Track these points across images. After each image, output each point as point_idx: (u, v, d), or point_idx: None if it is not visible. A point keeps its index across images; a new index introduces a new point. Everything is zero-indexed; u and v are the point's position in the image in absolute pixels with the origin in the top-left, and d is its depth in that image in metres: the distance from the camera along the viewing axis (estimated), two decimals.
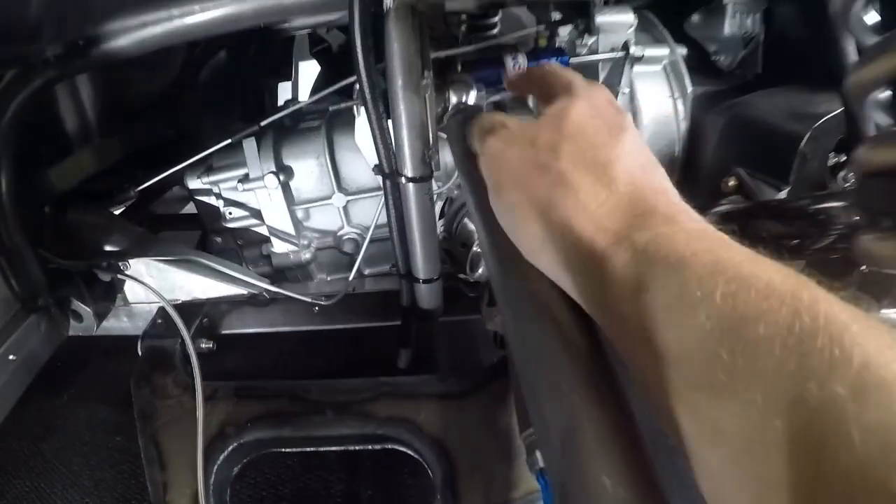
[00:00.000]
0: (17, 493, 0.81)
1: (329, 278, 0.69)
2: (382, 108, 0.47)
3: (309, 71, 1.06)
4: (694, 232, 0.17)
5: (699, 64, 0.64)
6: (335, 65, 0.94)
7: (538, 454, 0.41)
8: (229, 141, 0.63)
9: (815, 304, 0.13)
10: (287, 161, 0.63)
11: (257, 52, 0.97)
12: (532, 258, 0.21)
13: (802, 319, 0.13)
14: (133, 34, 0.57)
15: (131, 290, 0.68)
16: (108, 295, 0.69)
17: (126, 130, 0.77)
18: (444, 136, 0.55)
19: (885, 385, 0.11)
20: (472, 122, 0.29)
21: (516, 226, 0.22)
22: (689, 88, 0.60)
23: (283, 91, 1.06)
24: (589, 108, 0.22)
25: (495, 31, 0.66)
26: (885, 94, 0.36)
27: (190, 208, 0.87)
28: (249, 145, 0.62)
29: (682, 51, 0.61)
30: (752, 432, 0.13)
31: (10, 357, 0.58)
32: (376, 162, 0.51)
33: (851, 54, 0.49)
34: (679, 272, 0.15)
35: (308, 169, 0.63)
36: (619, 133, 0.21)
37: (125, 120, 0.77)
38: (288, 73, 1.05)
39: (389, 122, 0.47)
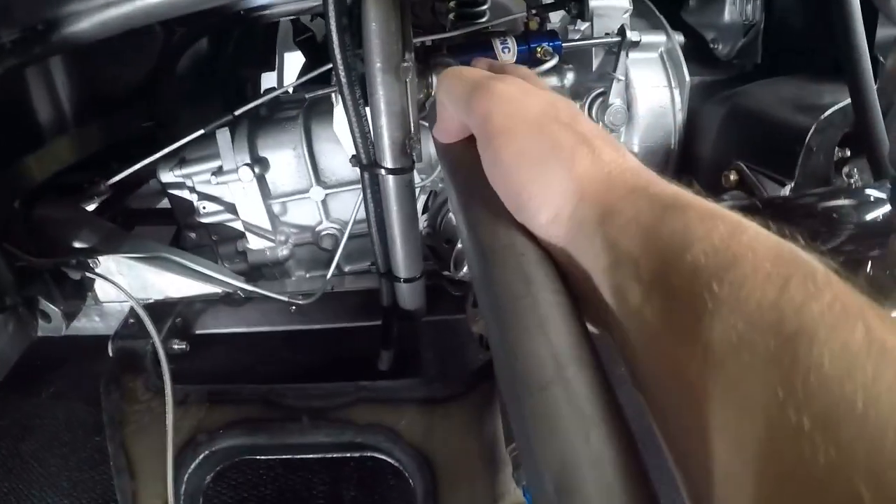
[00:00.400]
0: None
1: (308, 275, 0.64)
2: (360, 94, 0.42)
3: (294, 61, 0.99)
4: (693, 192, 0.19)
5: (696, 52, 0.59)
6: (319, 54, 0.88)
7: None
8: (202, 131, 0.57)
9: (795, 250, 0.15)
10: (262, 152, 0.58)
11: (240, 40, 0.91)
12: (527, 213, 0.20)
13: (785, 261, 0.14)
14: (95, 16, 0.52)
15: (102, 288, 0.63)
16: (78, 294, 0.64)
17: (103, 120, 0.72)
18: (427, 124, 0.49)
19: (850, 314, 0.12)
20: (456, 70, 0.25)
21: (525, 174, 0.20)
22: (687, 78, 0.55)
23: (268, 81, 1.00)
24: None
25: (484, 18, 0.60)
26: None
27: (167, 203, 0.81)
28: (223, 136, 0.57)
29: (679, 38, 0.56)
30: (729, 353, 0.13)
31: None
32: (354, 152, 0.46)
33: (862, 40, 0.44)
34: (684, 212, 0.17)
35: (285, 161, 0.58)
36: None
37: (102, 109, 0.71)
38: (272, 62, 0.99)
39: (368, 109, 0.42)
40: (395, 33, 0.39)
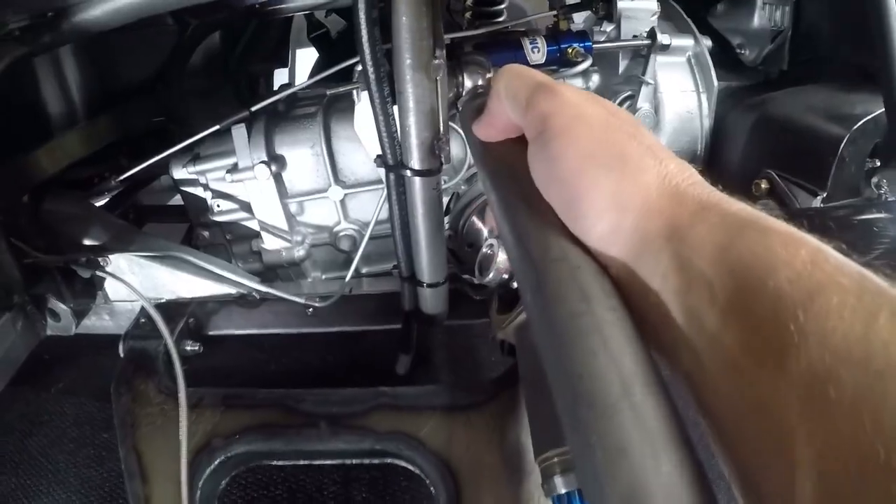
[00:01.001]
0: (3, 490, 0.73)
1: (324, 277, 0.61)
2: (387, 92, 0.39)
3: (307, 58, 0.96)
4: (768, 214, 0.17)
5: (721, 57, 0.57)
6: (334, 51, 0.85)
7: (556, 480, 0.35)
8: (217, 127, 0.54)
9: (878, 282, 0.14)
10: (279, 150, 0.55)
11: (253, 35, 0.87)
12: (581, 221, 0.19)
13: (871, 294, 0.13)
14: (107, 3, 0.48)
15: (113, 287, 0.60)
16: (87, 292, 0.60)
17: (114, 114, 0.68)
18: (455, 125, 0.46)
19: None
20: (518, 66, 0.24)
21: (585, 180, 0.19)
22: (715, 83, 0.52)
23: (280, 77, 0.96)
24: None
25: (502, 18, 0.57)
26: None
27: (179, 199, 0.78)
28: (238, 132, 0.53)
29: (707, 42, 0.53)
30: (816, 386, 0.13)
31: None
32: (378, 152, 0.43)
33: None
34: (764, 234, 0.16)
35: (302, 159, 0.55)
36: None
37: (113, 103, 0.68)
38: (285, 58, 0.95)
39: (395, 107, 0.39)
40: (427, 28, 0.36)
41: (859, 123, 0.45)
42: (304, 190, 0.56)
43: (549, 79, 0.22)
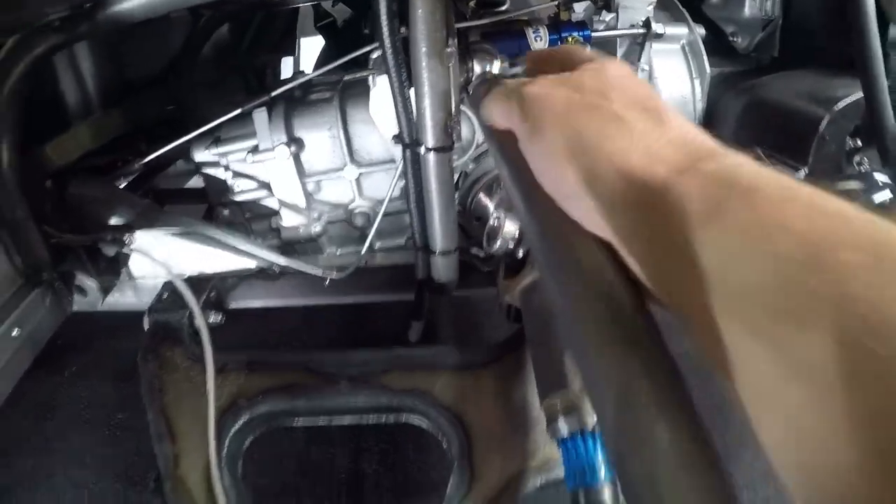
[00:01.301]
0: (20, 472, 0.78)
1: (339, 252, 0.67)
2: (405, 77, 0.45)
3: (312, 46, 1.02)
4: (757, 165, 0.16)
5: (715, 45, 0.64)
6: (340, 39, 0.92)
7: (559, 422, 0.41)
8: (239, 111, 0.61)
9: (891, 230, 0.13)
10: (298, 133, 0.61)
11: (260, 26, 0.94)
12: (570, 203, 0.20)
13: (883, 245, 0.12)
14: None
15: (136, 264, 0.66)
16: (112, 269, 0.67)
17: (127, 104, 0.74)
18: (465, 109, 0.53)
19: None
20: (499, 82, 0.27)
21: (556, 167, 0.20)
22: (708, 69, 0.59)
23: (287, 66, 1.03)
24: (622, 69, 0.23)
25: (505, 6, 0.64)
26: None
27: (193, 183, 0.84)
28: (260, 116, 0.60)
29: (700, 30, 0.60)
30: (844, 361, 0.12)
31: (15, 332, 0.55)
32: (391, 133, 0.50)
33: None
34: (752, 197, 0.14)
35: (320, 140, 0.61)
36: (654, 91, 0.22)
37: (127, 93, 0.74)
38: (291, 47, 1.02)
39: (411, 91, 0.46)
40: (441, 20, 0.43)
41: (839, 106, 0.51)
42: (322, 169, 0.63)
43: (517, 82, 0.24)
